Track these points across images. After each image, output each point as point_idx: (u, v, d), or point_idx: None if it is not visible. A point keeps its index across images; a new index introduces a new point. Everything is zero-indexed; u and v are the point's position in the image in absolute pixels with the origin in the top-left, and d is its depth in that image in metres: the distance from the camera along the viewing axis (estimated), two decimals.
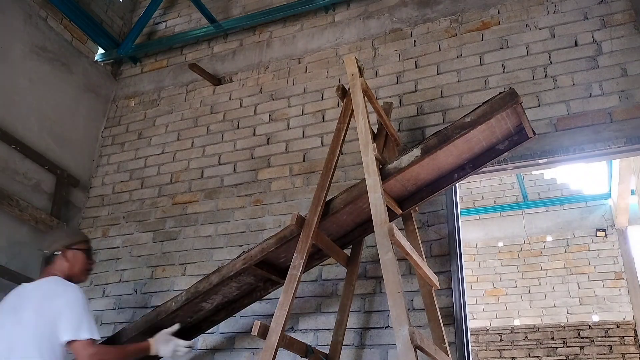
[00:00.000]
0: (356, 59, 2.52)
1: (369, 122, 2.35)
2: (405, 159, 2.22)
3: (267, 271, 2.52)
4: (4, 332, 2.20)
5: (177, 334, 2.49)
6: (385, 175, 2.23)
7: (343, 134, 2.50)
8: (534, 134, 2.27)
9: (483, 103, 2.16)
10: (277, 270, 2.60)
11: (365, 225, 2.56)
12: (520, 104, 2.13)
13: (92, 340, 2.18)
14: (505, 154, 2.37)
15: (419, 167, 2.26)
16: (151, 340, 2.40)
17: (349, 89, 2.52)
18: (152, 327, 2.50)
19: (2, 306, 2.33)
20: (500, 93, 2.15)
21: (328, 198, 2.38)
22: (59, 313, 2.19)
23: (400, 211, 2.48)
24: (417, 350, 1.71)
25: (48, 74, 3.84)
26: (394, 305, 1.79)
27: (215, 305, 2.67)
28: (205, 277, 2.53)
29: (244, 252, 2.48)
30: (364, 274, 2.83)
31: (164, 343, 2.41)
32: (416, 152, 2.21)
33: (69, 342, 2.17)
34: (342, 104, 2.60)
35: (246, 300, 2.72)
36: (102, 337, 2.40)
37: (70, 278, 2.39)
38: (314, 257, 2.60)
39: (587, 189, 7.49)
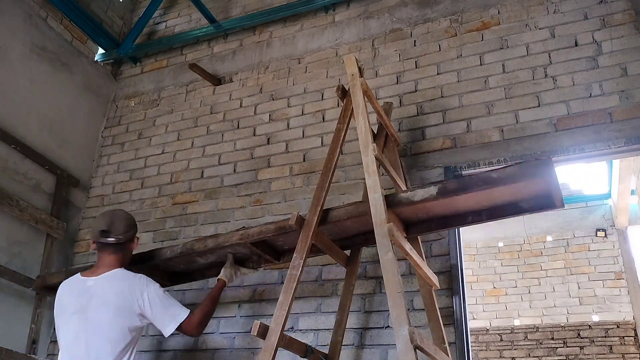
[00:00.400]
0: (356, 59, 2.52)
1: (369, 122, 2.34)
2: (420, 194, 2.13)
3: (262, 250, 2.54)
4: (71, 332, 2.15)
5: (171, 278, 2.81)
6: (395, 202, 2.16)
7: (343, 134, 2.49)
8: (563, 206, 2.14)
9: (515, 163, 2.02)
10: (272, 249, 2.62)
11: (368, 235, 2.46)
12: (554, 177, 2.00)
13: (190, 314, 2.26)
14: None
15: (433, 204, 2.17)
16: (222, 277, 2.51)
17: (349, 89, 2.52)
18: (146, 266, 2.63)
19: (65, 303, 2.25)
20: (536, 159, 2.02)
21: (332, 204, 2.36)
22: (149, 311, 2.21)
23: (405, 234, 2.38)
24: (417, 350, 1.71)
25: (48, 74, 3.84)
26: (394, 305, 1.79)
27: (210, 262, 2.73)
28: (202, 238, 2.61)
29: (243, 227, 2.53)
30: (364, 274, 2.83)
31: (235, 274, 2.58)
32: (432, 190, 2.11)
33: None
34: (342, 104, 2.60)
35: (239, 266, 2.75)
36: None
37: (123, 266, 2.36)
38: (311, 250, 2.56)
39: (587, 189, 7.47)
